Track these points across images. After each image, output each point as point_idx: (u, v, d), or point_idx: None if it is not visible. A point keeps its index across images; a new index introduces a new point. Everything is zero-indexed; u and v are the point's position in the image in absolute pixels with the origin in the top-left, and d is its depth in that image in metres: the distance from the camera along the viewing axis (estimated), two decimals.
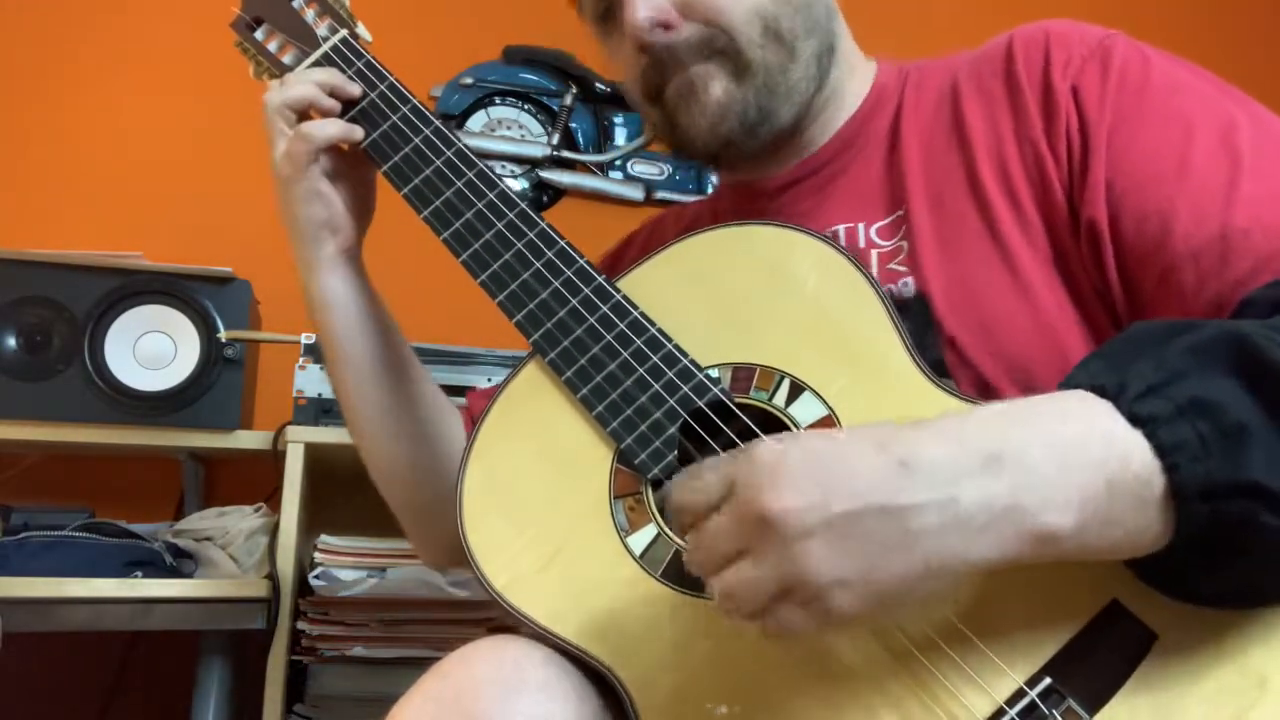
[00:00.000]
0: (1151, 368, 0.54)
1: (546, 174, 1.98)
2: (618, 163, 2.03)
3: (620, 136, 2.05)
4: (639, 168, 2.04)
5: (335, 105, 0.85)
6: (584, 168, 2.02)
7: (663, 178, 2.05)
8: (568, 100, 2.00)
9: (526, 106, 2.00)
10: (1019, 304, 0.72)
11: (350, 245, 0.87)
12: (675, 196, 2.04)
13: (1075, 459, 0.53)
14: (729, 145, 0.81)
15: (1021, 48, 0.77)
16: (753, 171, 0.87)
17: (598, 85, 2.02)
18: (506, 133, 1.98)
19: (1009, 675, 0.57)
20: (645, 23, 0.79)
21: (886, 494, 0.52)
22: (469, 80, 1.97)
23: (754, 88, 0.79)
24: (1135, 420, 0.53)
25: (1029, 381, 0.70)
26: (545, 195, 1.99)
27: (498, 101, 1.99)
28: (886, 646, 0.59)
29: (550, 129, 2.00)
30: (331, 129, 0.83)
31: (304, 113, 0.85)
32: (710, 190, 2.05)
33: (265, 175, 0.85)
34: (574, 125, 2.02)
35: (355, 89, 0.85)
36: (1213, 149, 0.67)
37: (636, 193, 2.02)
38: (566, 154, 2.00)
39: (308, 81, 0.85)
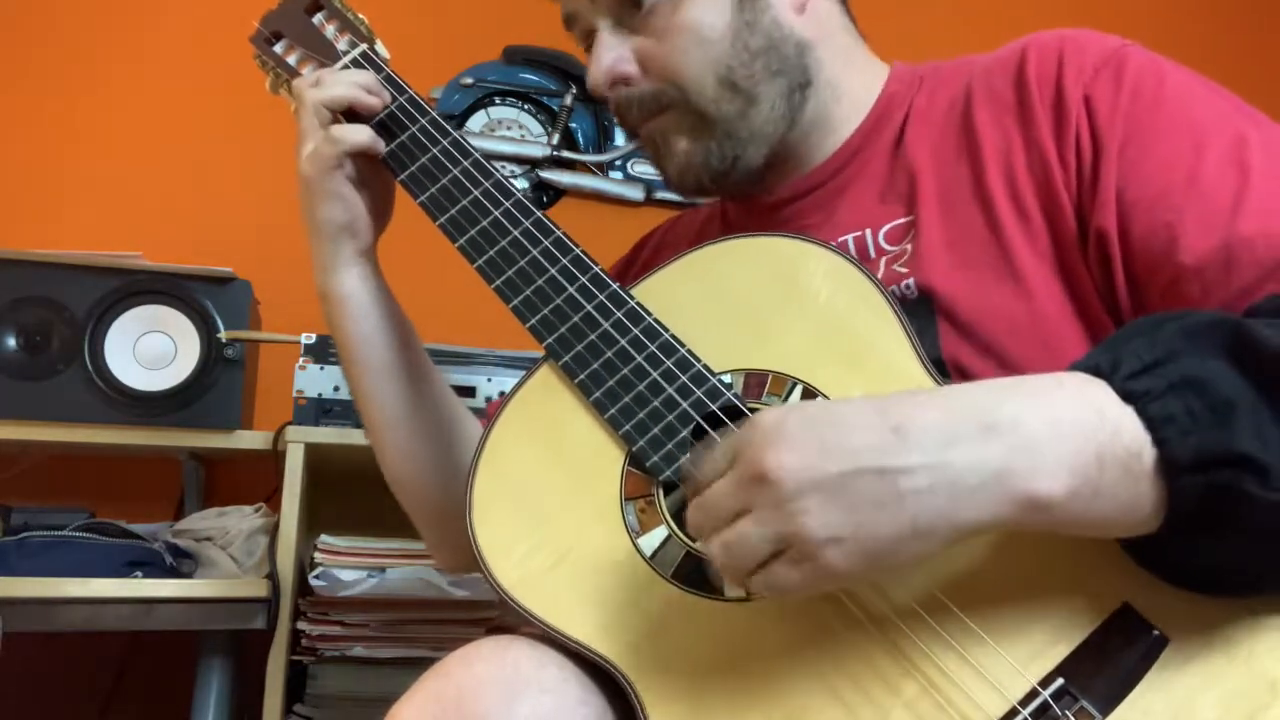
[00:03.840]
0: (1145, 348, 0.56)
1: (546, 174, 1.98)
2: (618, 163, 2.03)
3: (620, 136, 2.05)
4: (639, 168, 2.04)
5: (377, 104, 0.85)
6: (584, 168, 2.02)
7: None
8: (568, 100, 2.00)
9: (526, 106, 2.00)
10: (1020, 308, 0.73)
11: (367, 247, 0.87)
12: (675, 197, 2.03)
13: (1068, 429, 0.54)
14: (704, 191, 0.85)
15: (1035, 54, 0.77)
16: (756, 190, 0.88)
17: None
18: (506, 133, 1.98)
19: (1022, 675, 0.58)
20: (604, 79, 0.82)
21: (880, 456, 0.54)
22: (469, 80, 1.97)
23: (714, 138, 0.81)
24: (1127, 396, 0.55)
25: None
26: (545, 195, 1.99)
27: (498, 101, 1.99)
28: (899, 647, 0.60)
29: (550, 129, 2.00)
30: (361, 135, 0.83)
31: (339, 113, 0.85)
32: None
33: (265, 175, 0.86)
34: (574, 125, 2.02)
35: (385, 95, 0.86)
36: (1223, 163, 0.68)
37: (636, 193, 2.02)
38: (566, 154, 2.00)
39: (347, 81, 0.85)
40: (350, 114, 0.86)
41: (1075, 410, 0.55)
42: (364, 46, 0.90)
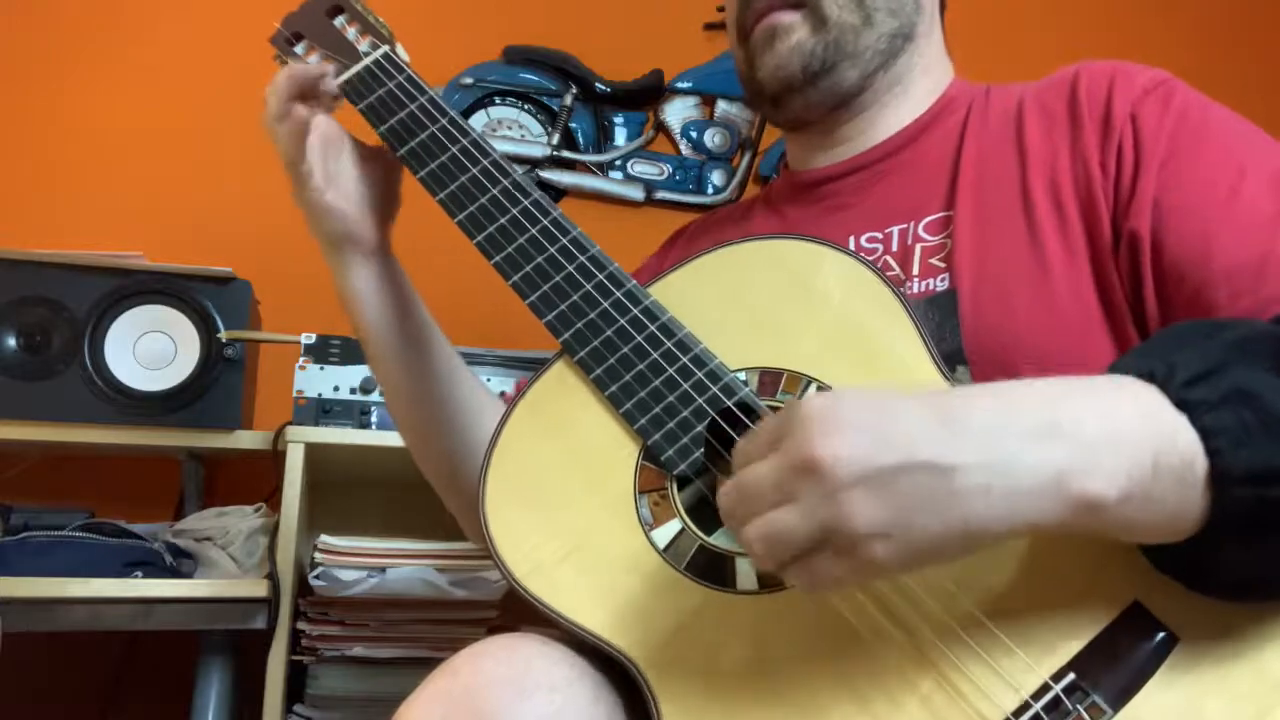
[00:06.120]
0: (1198, 357, 0.56)
1: (546, 174, 1.98)
2: (618, 163, 2.03)
3: (620, 136, 2.05)
4: (639, 168, 2.04)
5: (316, 70, 0.87)
6: (584, 168, 2.02)
7: (663, 178, 2.05)
8: (568, 100, 2.00)
9: (526, 106, 2.00)
10: (1046, 305, 0.74)
11: (374, 246, 0.89)
12: (675, 196, 2.04)
13: (1126, 433, 0.54)
14: (790, 90, 0.88)
15: (1087, 77, 0.81)
16: (808, 148, 0.93)
17: (598, 85, 2.02)
18: (506, 133, 1.98)
19: (1034, 670, 0.58)
20: None
21: (935, 451, 0.52)
22: (469, 80, 1.97)
23: (825, 41, 0.87)
24: (1182, 405, 0.54)
25: None
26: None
27: (498, 101, 1.99)
28: (914, 641, 0.60)
29: (550, 129, 2.00)
30: (293, 70, 0.85)
31: (299, 96, 0.86)
32: (715, 190, 2.05)
33: (266, 175, 0.86)
34: (574, 125, 2.02)
35: (329, 67, 0.88)
36: (1263, 188, 0.70)
37: (636, 193, 2.02)
38: (566, 154, 2.00)
39: (283, 73, 0.87)
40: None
41: (1134, 415, 0.54)
42: (385, 49, 0.91)
